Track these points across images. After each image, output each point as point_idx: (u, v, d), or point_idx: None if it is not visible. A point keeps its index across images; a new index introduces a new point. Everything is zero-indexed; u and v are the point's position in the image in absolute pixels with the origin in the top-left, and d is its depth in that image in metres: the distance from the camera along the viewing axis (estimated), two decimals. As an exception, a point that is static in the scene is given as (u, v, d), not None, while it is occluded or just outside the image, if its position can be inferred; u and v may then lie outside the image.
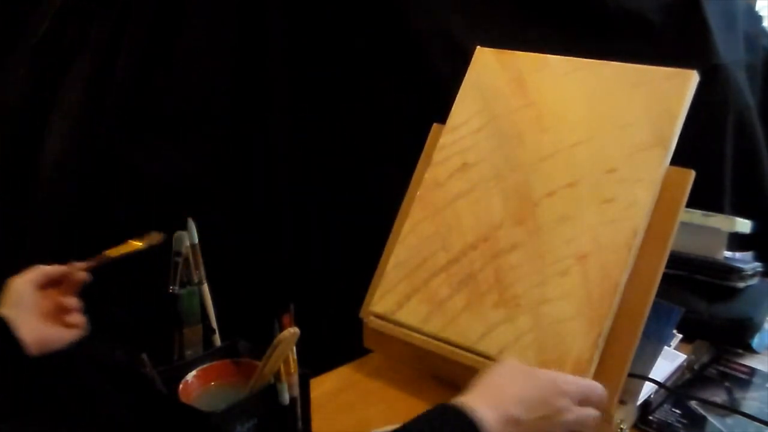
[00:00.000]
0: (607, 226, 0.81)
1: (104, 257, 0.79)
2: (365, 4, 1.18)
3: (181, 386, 0.71)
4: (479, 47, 0.98)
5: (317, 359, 0.79)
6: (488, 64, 0.96)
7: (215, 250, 0.82)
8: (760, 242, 1.25)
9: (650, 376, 0.86)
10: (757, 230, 1.19)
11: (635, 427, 0.86)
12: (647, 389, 0.88)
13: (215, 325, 0.81)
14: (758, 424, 0.84)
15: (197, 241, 0.79)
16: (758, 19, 1.55)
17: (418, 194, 0.95)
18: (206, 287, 0.80)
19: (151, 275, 0.77)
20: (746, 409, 0.90)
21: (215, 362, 0.76)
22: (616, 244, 0.80)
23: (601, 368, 0.77)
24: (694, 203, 0.83)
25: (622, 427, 0.81)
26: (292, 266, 1.18)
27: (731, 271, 1.11)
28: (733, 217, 1.13)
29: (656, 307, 0.79)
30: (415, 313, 0.88)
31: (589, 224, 0.82)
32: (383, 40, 1.19)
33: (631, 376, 0.79)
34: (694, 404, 0.90)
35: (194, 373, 0.74)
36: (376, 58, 1.20)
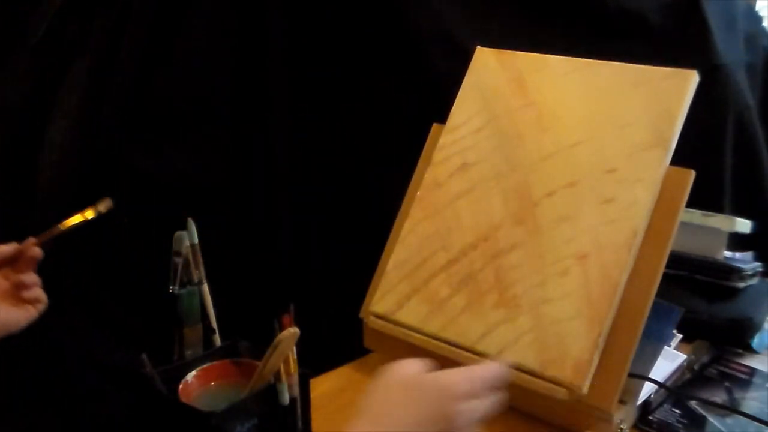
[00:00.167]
0: (607, 226, 0.81)
1: (56, 229, 0.79)
2: (365, 4, 1.18)
3: (181, 386, 0.72)
4: (479, 47, 0.98)
5: (317, 359, 0.79)
6: (488, 64, 0.96)
7: (215, 250, 0.82)
8: (760, 242, 1.25)
9: (650, 376, 0.86)
10: (757, 230, 1.19)
11: (635, 427, 0.86)
12: (647, 389, 0.88)
13: (215, 325, 0.81)
14: (758, 424, 0.84)
15: (197, 241, 0.79)
16: (758, 19, 1.55)
17: (418, 194, 0.95)
18: (206, 287, 0.80)
19: (151, 275, 0.77)
20: (746, 409, 0.90)
21: (215, 362, 0.76)
22: (616, 244, 0.80)
23: (601, 368, 0.77)
24: (694, 203, 0.83)
25: (622, 427, 0.81)
26: (292, 266, 1.18)
27: (731, 271, 1.10)
28: (733, 217, 1.13)
29: (656, 307, 0.79)
30: (415, 313, 0.88)
31: (589, 224, 0.82)
32: (383, 40, 1.19)
33: (631, 376, 0.79)
34: (694, 404, 0.90)
35: (194, 373, 0.74)
36: (376, 58, 1.20)
